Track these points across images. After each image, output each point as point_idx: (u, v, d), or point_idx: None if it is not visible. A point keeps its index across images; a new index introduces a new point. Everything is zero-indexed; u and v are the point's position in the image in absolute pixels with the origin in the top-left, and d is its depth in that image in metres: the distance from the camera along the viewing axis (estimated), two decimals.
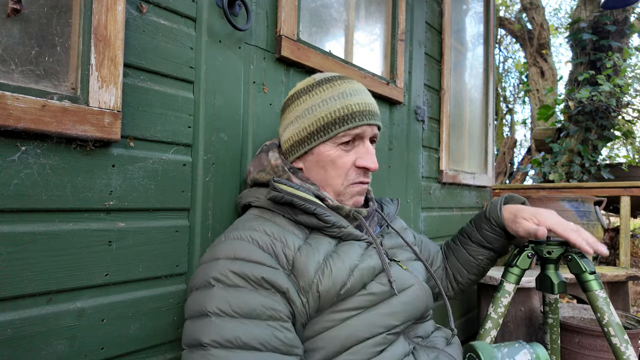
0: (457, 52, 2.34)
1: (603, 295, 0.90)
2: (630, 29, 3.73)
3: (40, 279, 0.70)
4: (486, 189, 2.58)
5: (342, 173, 0.87)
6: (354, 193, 0.89)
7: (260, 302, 0.69)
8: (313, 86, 0.90)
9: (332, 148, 0.86)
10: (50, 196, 0.71)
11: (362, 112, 0.85)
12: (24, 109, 0.66)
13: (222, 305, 0.67)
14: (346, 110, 0.85)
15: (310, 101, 0.88)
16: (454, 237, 1.18)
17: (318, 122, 0.86)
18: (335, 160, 0.87)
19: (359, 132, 0.86)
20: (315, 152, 0.88)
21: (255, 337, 0.66)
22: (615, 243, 3.08)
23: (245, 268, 0.71)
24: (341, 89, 0.87)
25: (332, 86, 0.88)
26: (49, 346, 0.71)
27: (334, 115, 0.85)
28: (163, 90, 0.89)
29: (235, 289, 0.69)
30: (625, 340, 0.87)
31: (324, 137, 0.86)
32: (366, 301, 0.78)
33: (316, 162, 0.89)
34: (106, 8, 0.76)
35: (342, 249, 0.81)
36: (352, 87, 0.88)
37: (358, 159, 0.87)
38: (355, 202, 0.90)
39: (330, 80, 0.90)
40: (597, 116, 3.59)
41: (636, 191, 2.22)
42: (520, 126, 8.88)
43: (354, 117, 0.85)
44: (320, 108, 0.86)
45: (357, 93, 0.87)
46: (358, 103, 0.86)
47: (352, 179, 0.88)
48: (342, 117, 0.84)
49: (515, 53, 9.38)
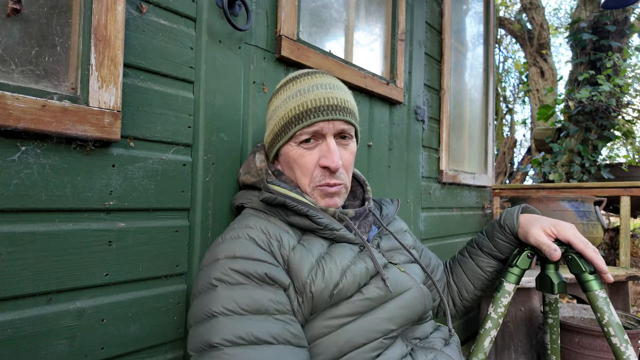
0: (457, 52, 2.34)
1: (603, 295, 0.90)
2: (630, 29, 3.73)
3: (40, 279, 0.70)
4: (486, 189, 2.58)
5: (307, 173, 0.85)
6: (323, 194, 0.86)
7: (267, 297, 0.68)
8: (281, 86, 0.90)
9: (294, 147, 0.85)
10: (50, 196, 0.71)
11: (318, 108, 0.82)
12: (24, 109, 0.66)
13: (229, 304, 0.66)
14: (301, 107, 0.83)
15: (275, 102, 0.89)
16: (462, 249, 1.15)
17: (279, 123, 0.86)
18: (298, 159, 0.85)
19: (316, 130, 0.83)
20: (282, 153, 0.89)
21: (267, 332, 0.65)
22: (615, 243, 3.08)
23: (247, 266, 0.70)
24: (300, 86, 0.85)
25: (294, 84, 0.87)
26: (49, 346, 0.71)
27: (290, 114, 0.84)
28: (163, 90, 0.89)
29: (240, 286, 0.69)
30: (625, 340, 0.86)
31: (285, 137, 0.85)
32: (362, 306, 0.78)
33: (285, 163, 0.89)
34: (106, 8, 0.76)
35: (334, 250, 0.81)
36: (313, 83, 0.85)
37: (321, 158, 0.84)
38: (326, 204, 0.86)
39: (295, 78, 0.88)
40: (597, 116, 3.58)
41: (636, 191, 2.22)
42: (520, 126, 8.89)
43: (308, 115, 0.82)
44: (281, 108, 0.86)
45: (316, 88, 0.84)
46: (314, 99, 0.82)
47: (318, 180, 0.85)
48: (297, 115, 0.83)
49: (515, 53, 9.38)
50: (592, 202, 2.12)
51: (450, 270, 1.15)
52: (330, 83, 0.87)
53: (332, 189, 0.86)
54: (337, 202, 0.88)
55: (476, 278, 1.07)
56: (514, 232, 1.00)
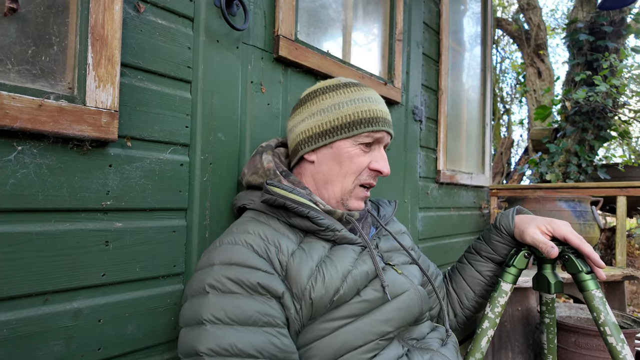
0: (455, 53, 2.35)
1: (599, 294, 0.90)
2: (626, 29, 3.75)
3: (37, 279, 0.70)
4: (483, 189, 2.58)
5: (356, 171, 0.89)
6: (359, 196, 0.91)
7: (256, 309, 0.69)
8: (340, 86, 0.93)
9: (352, 146, 0.89)
10: (46, 196, 0.71)
11: (384, 119, 0.90)
12: (20, 109, 0.65)
13: (218, 313, 0.67)
14: (371, 113, 0.88)
15: (337, 98, 0.91)
16: (460, 257, 1.15)
17: (345, 118, 0.88)
18: (353, 157, 0.89)
19: (379, 137, 0.90)
20: (334, 147, 0.90)
21: (251, 345, 0.66)
22: (612, 243, 3.09)
23: (240, 274, 0.70)
24: (367, 95, 0.92)
25: (359, 90, 0.92)
26: (46, 347, 0.71)
27: (360, 115, 0.88)
28: (160, 89, 0.89)
29: (231, 295, 0.69)
30: (621, 340, 0.87)
31: (348, 133, 0.88)
32: (359, 309, 0.78)
33: (333, 156, 0.90)
34: (103, 7, 0.76)
35: (335, 253, 0.81)
36: (376, 96, 0.94)
37: (372, 162, 0.90)
38: (357, 206, 0.92)
39: (357, 84, 0.94)
40: (594, 116, 3.60)
41: (632, 191, 2.23)
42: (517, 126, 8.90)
43: (377, 122, 0.89)
44: (348, 106, 0.89)
45: (379, 102, 0.93)
46: (381, 110, 0.91)
47: (364, 179, 0.90)
48: (368, 118, 0.88)
49: (513, 53, 9.40)
50: (588, 202, 2.13)
51: (450, 279, 1.15)
52: (383, 100, 0.96)
53: (367, 193, 0.93)
54: (362, 207, 0.94)
55: (476, 284, 1.07)
56: (510, 232, 1.01)
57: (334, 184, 0.89)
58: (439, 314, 1.07)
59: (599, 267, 0.91)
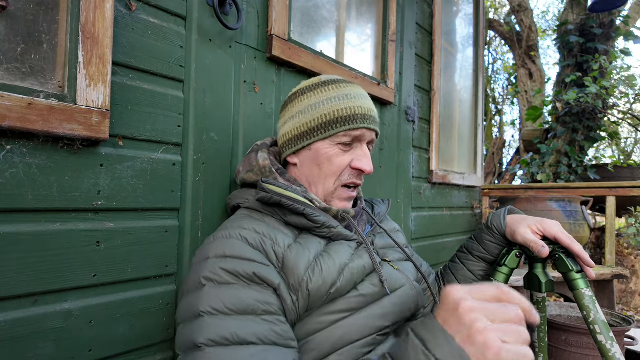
0: (448, 54, 2.36)
1: (589, 293, 0.92)
2: (615, 32, 3.80)
3: (26, 280, 0.69)
4: (475, 189, 2.60)
5: (336, 171, 0.88)
6: (342, 197, 0.90)
7: (254, 297, 0.68)
8: (319, 85, 0.91)
9: (331, 146, 0.87)
10: (36, 196, 0.70)
11: (364, 115, 0.87)
12: (9, 107, 0.64)
13: (215, 304, 0.66)
14: (349, 111, 0.86)
15: (314, 98, 0.90)
16: (453, 257, 1.16)
17: (320, 119, 0.87)
18: (332, 158, 0.88)
19: (358, 135, 0.88)
20: (313, 148, 0.89)
21: (252, 332, 0.65)
22: (601, 242, 3.14)
23: (236, 265, 0.70)
24: (346, 91, 0.89)
25: (338, 87, 0.90)
26: (36, 348, 0.70)
27: (337, 114, 0.86)
28: (152, 89, 0.88)
29: (227, 286, 0.69)
30: (610, 338, 0.88)
31: (325, 134, 0.87)
32: (357, 302, 0.78)
33: (312, 159, 0.89)
34: (94, 5, 0.75)
35: (332, 248, 0.81)
36: (357, 91, 0.91)
37: (354, 161, 0.88)
38: (342, 206, 0.90)
39: (337, 81, 0.92)
40: (584, 117, 3.64)
41: (621, 191, 2.26)
42: (509, 127, 8.98)
43: (356, 119, 0.86)
44: (324, 105, 0.88)
45: (360, 97, 0.90)
46: (361, 106, 0.88)
47: (345, 179, 0.89)
48: (345, 117, 0.86)
49: (504, 55, 9.48)
50: (578, 202, 2.16)
51: (442, 278, 1.15)
52: (366, 94, 0.93)
53: (352, 193, 0.91)
54: (350, 205, 0.93)
55: (468, 283, 1.08)
56: (501, 232, 1.02)
57: (317, 186, 0.89)
58: (432, 312, 1.07)
59: (588, 266, 0.92)
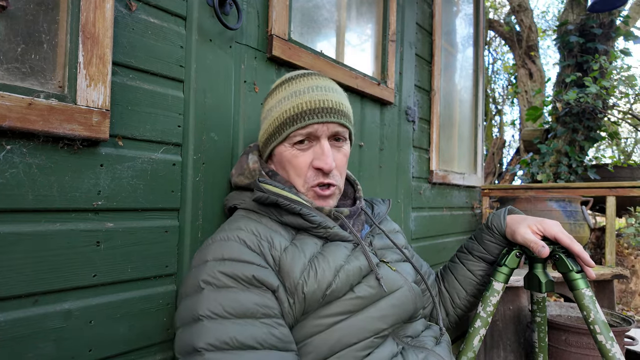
0: (448, 54, 2.36)
1: (589, 293, 0.92)
2: (615, 32, 3.80)
3: (26, 280, 0.69)
4: (475, 189, 2.60)
5: (300, 173, 0.86)
6: (317, 197, 0.87)
7: (253, 301, 0.68)
8: (277, 86, 0.91)
9: (288, 148, 0.86)
10: (36, 196, 0.70)
11: (312, 110, 0.83)
12: (9, 107, 0.64)
13: (214, 307, 0.66)
14: (296, 109, 0.83)
15: (270, 102, 0.90)
16: (452, 257, 1.15)
17: (274, 124, 0.86)
18: (291, 160, 0.86)
19: (310, 131, 0.84)
20: (276, 153, 0.90)
21: (252, 336, 0.65)
22: (601, 242, 3.13)
23: (234, 268, 0.70)
24: (296, 88, 0.86)
25: (290, 85, 0.87)
26: (36, 348, 0.70)
27: (284, 115, 0.84)
28: (152, 89, 0.88)
29: (226, 289, 0.68)
30: (610, 338, 0.88)
31: (279, 137, 0.86)
32: (354, 305, 0.78)
33: (279, 163, 0.90)
34: (94, 5, 0.75)
35: (328, 249, 0.80)
36: (309, 85, 0.86)
37: (314, 160, 0.85)
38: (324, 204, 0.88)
39: (291, 79, 0.89)
40: (584, 117, 3.64)
41: (621, 191, 2.26)
42: (509, 127, 8.98)
43: (302, 117, 0.83)
44: (275, 109, 0.87)
45: (311, 90, 0.85)
46: (308, 101, 0.83)
47: (311, 181, 0.86)
48: (292, 116, 0.84)
49: (504, 55, 9.48)
50: (579, 202, 2.16)
51: (442, 278, 1.14)
52: (326, 85, 0.87)
53: (325, 192, 0.87)
54: (331, 204, 0.89)
55: (468, 283, 1.08)
56: (501, 232, 1.02)
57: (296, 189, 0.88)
58: (432, 313, 1.07)
59: (588, 266, 0.92)
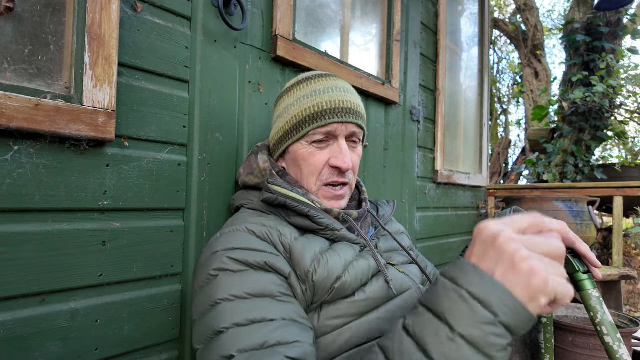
0: (452, 53, 2.35)
1: (596, 294, 0.91)
2: (623, 30, 3.76)
3: (33, 279, 0.70)
4: (481, 189, 2.59)
5: (315, 171, 0.87)
6: (327, 197, 0.87)
7: (270, 280, 0.68)
8: (293, 85, 0.91)
9: (305, 146, 0.87)
10: (43, 196, 0.71)
11: (333, 109, 0.84)
12: (16, 108, 0.65)
13: (232, 290, 0.66)
14: (316, 108, 0.84)
15: (287, 100, 0.90)
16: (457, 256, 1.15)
17: (291, 121, 0.87)
18: (307, 158, 0.87)
19: (330, 130, 0.85)
20: (291, 151, 0.89)
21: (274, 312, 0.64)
22: (608, 243, 3.11)
23: (246, 255, 0.70)
24: (315, 87, 0.87)
25: (309, 84, 0.88)
26: (42, 347, 0.70)
27: (304, 113, 0.85)
28: (158, 89, 0.88)
29: (241, 273, 0.68)
30: (618, 339, 0.87)
31: (297, 135, 0.87)
32: (364, 306, 0.77)
33: (293, 161, 0.90)
34: (100, 7, 0.76)
35: (337, 246, 0.81)
36: (328, 85, 0.87)
37: (331, 158, 0.86)
38: (331, 205, 0.88)
39: (310, 78, 0.90)
40: (591, 117, 3.61)
41: (629, 191, 2.24)
42: (514, 127, 8.94)
43: (323, 115, 0.84)
44: (294, 107, 0.87)
45: (331, 90, 0.86)
46: (329, 101, 0.85)
47: (325, 178, 0.86)
48: (312, 115, 0.84)
49: (510, 54, 9.43)
50: (585, 202, 2.14)
51: None
52: (344, 87, 0.89)
53: (339, 191, 0.88)
54: (342, 204, 0.90)
55: None
56: None
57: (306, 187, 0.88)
58: None
59: (595, 267, 0.91)
